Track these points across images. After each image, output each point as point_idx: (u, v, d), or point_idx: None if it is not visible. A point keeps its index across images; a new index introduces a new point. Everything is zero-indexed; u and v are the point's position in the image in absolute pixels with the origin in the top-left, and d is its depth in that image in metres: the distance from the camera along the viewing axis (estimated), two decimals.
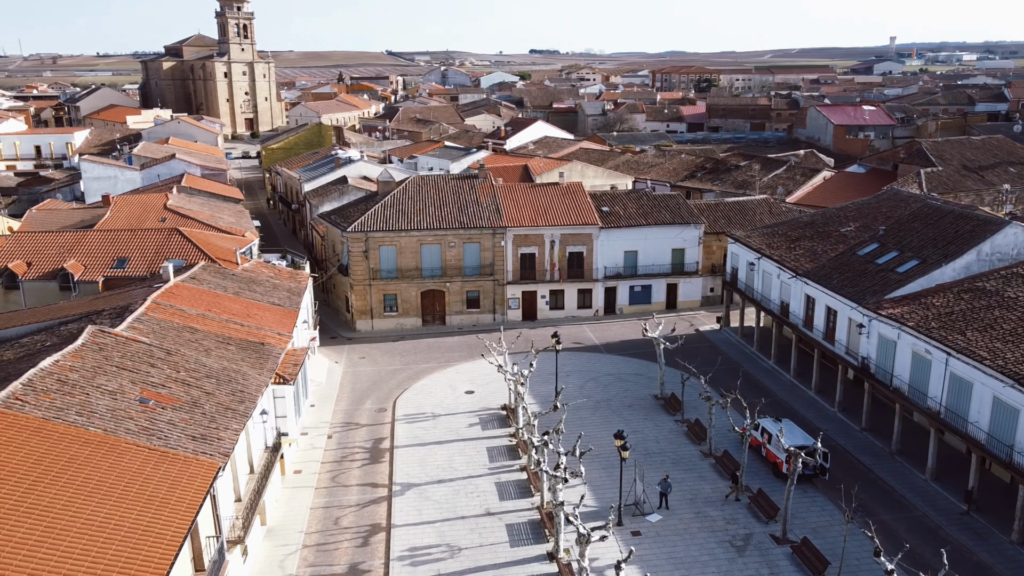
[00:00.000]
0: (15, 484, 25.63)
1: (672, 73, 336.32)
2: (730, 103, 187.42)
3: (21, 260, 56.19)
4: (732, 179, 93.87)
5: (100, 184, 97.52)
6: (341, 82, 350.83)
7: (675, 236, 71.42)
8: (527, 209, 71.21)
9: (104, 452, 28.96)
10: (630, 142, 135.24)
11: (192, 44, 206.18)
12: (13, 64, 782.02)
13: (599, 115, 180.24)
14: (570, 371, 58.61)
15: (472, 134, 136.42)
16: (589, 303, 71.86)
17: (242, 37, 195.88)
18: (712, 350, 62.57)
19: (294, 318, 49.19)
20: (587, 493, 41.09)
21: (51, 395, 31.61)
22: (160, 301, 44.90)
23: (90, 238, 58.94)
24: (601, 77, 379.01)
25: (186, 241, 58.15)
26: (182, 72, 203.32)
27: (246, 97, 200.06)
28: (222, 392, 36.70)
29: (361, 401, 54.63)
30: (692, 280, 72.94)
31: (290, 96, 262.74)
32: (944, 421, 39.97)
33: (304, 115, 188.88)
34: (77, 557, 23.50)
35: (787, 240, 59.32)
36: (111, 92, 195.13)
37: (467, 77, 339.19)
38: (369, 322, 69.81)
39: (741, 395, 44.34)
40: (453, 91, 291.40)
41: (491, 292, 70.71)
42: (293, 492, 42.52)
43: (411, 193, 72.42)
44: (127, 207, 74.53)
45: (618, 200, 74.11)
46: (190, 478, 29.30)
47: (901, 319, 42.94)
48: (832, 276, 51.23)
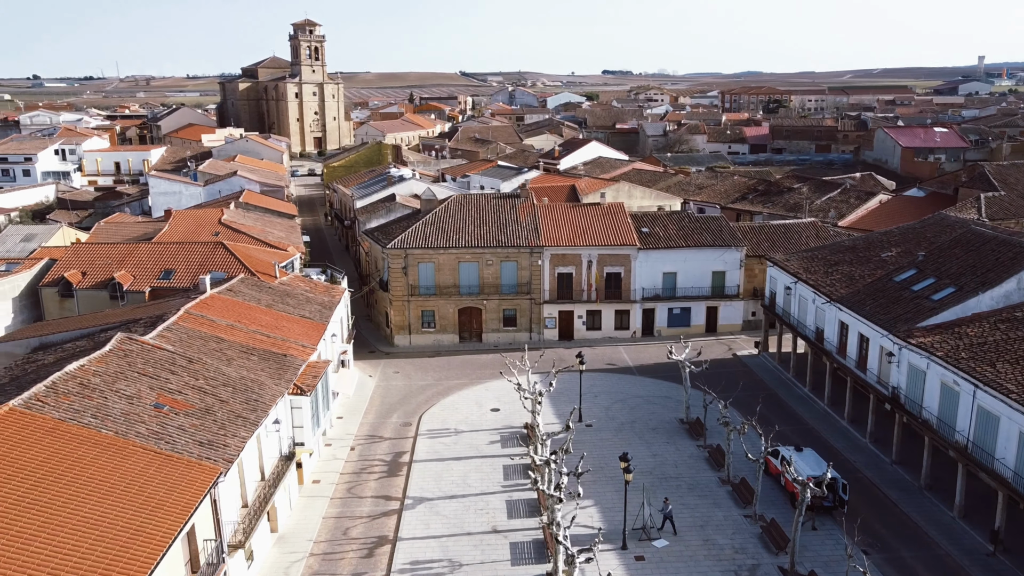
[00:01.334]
0: (21, 480, 27.11)
1: (741, 94, 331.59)
2: (795, 124, 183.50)
3: (77, 270, 59.36)
4: (783, 202, 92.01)
5: (166, 199, 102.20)
6: (411, 102, 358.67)
7: (715, 258, 70.39)
8: (566, 229, 71.36)
9: (111, 454, 30.34)
10: (686, 163, 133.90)
11: (267, 66, 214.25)
12: (110, 85, 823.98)
13: (660, 136, 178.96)
14: (599, 392, 58.29)
15: (528, 154, 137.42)
16: (627, 324, 71.34)
17: (313, 59, 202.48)
18: (747, 376, 61.31)
19: (321, 331, 50.49)
20: (587, 514, 40.86)
21: (71, 397, 33.31)
22: (193, 311, 46.75)
23: (141, 250, 61.83)
24: (670, 98, 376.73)
25: (229, 254, 60.38)
26: (256, 93, 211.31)
27: (315, 116, 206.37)
28: (236, 400, 37.95)
29: (388, 415, 55.51)
30: (733, 304, 71.66)
31: (360, 116, 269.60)
32: (971, 456, 38.25)
33: (370, 134, 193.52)
34: (67, 552, 24.68)
35: (825, 264, 57.85)
36: (189, 112, 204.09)
37: (534, 97, 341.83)
38: (407, 337, 70.90)
39: (767, 422, 43.47)
40: (519, 111, 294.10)
41: (528, 311, 70.97)
42: (309, 501, 43.49)
43: (453, 211, 73.49)
44: (184, 221, 77.83)
45: (659, 221, 73.55)
46: (189, 482, 30.42)
47: (930, 348, 41.38)
48: (866, 302, 49.73)
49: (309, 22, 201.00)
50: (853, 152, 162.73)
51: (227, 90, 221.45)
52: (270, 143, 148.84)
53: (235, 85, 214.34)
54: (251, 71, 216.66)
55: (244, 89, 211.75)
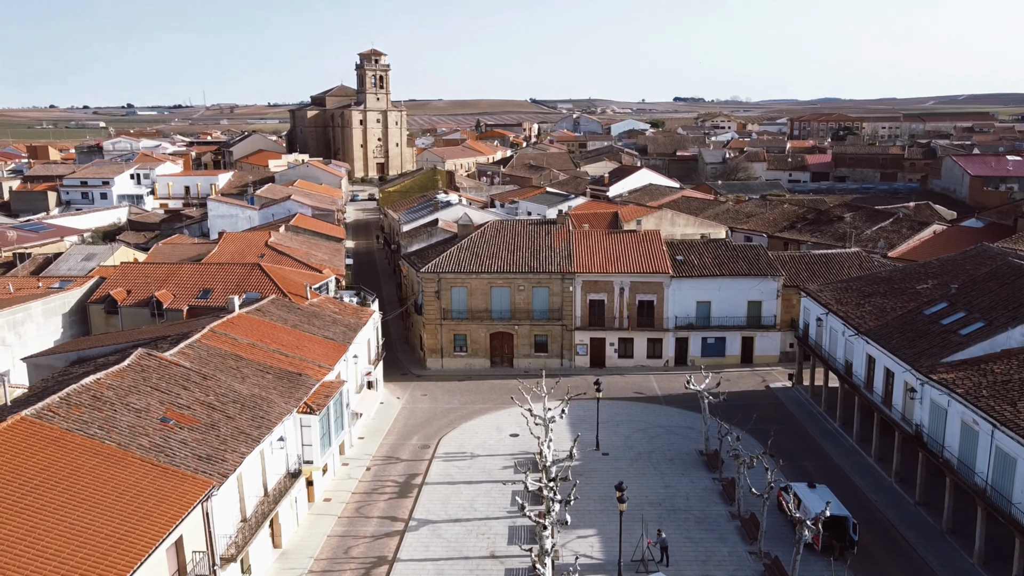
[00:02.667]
0: (18, 486, 28.56)
1: (811, 120, 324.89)
2: (858, 152, 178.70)
3: (122, 288, 62.25)
4: (833, 231, 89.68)
5: (223, 221, 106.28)
6: (477, 129, 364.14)
7: (751, 288, 69.08)
8: (599, 255, 71.23)
9: (109, 464, 31.68)
10: (741, 191, 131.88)
11: (335, 94, 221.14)
12: (197, 113, 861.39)
13: (718, 163, 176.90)
14: (621, 420, 57.73)
15: (580, 181, 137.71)
16: (659, 353, 70.50)
17: (378, 87, 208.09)
18: (777, 409, 59.80)
19: (342, 352, 51.61)
20: (588, 543, 40.47)
21: (81, 409, 34.97)
22: (217, 330, 48.48)
23: (183, 270, 64.48)
24: (737, 125, 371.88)
25: (264, 276, 62.41)
26: (323, 120, 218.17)
27: (379, 143, 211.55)
28: (243, 417, 39.13)
29: (408, 437, 56.14)
30: (769, 334, 70.06)
31: (425, 142, 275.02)
32: (989, 500, 36.42)
33: (430, 160, 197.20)
34: (48, 556, 25.87)
35: (858, 296, 56.18)
36: (260, 138, 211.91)
37: (598, 125, 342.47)
38: (439, 361, 71.65)
39: (791, 456, 42.41)
40: (582, 138, 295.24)
41: (559, 337, 70.90)
42: (317, 518, 44.28)
43: (489, 237, 74.27)
44: (234, 243, 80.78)
45: (695, 249, 72.71)
46: (180, 494, 31.49)
47: (951, 384, 39.71)
48: (893, 335, 48.06)
49: (375, 52, 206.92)
50: (920, 181, 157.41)
51: (296, 118, 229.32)
52: (330, 168, 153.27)
53: (304, 113, 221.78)
54: (319, 99, 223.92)
55: (312, 116, 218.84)
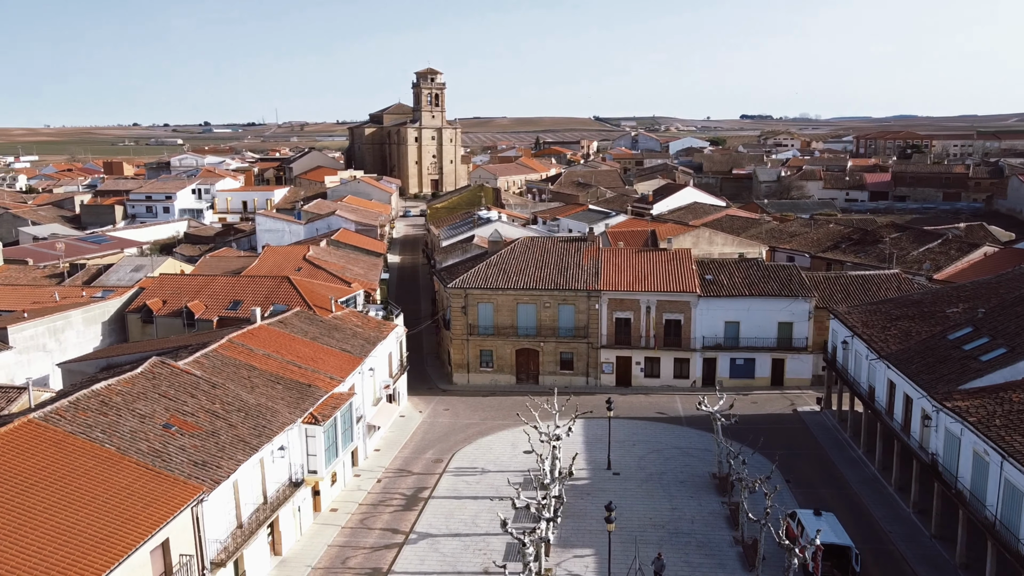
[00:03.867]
0: (12, 485, 29.93)
1: (877, 138, 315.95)
2: (920, 170, 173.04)
3: (158, 299, 64.68)
4: (877, 252, 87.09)
5: (270, 235, 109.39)
6: (536, 146, 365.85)
7: (782, 309, 67.57)
8: (626, 273, 70.78)
9: (104, 467, 32.94)
10: (790, 210, 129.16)
11: (392, 112, 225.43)
12: (269, 131, 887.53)
13: (772, 182, 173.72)
14: (638, 440, 57.08)
15: (626, 199, 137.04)
16: (686, 373, 69.47)
17: (433, 105, 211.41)
18: (801, 433, 58.26)
19: (356, 365, 52.50)
20: (583, 563, 40.12)
21: (88, 413, 36.47)
22: (235, 340, 49.94)
23: (216, 282, 66.63)
24: (801, 143, 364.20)
25: (292, 288, 64.02)
26: (380, 137, 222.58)
27: (433, 160, 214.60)
28: (245, 425, 40.18)
29: (424, 451, 56.59)
30: (801, 357, 68.31)
31: (482, 159, 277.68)
32: (997, 535, 34.76)
33: (483, 177, 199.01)
34: (30, 553, 27.04)
35: (885, 319, 54.43)
36: (318, 155, 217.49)
37: (657, 142, 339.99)
38: (466, 376, 72.09)
39: (808, 483, 41.39)
40: (639, 155, 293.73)
41: (585, 355, 70.56)
42: (321, 528, 45.01)
43: (518, 253, 74.60)
44: (273, 256, 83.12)
45: (726, 269, 71.58)
46: (169, 498, 32.52)
47: (963, 412, 38.12)
48: (914, 360, 46.40)
49: (431, 70, 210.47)
50: (985, 201, 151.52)
51: (355, 135, 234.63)
52: (380, 185, 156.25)
53: (362, 130, 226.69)
54: (377, 117, 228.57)
55: (369, 134, 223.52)
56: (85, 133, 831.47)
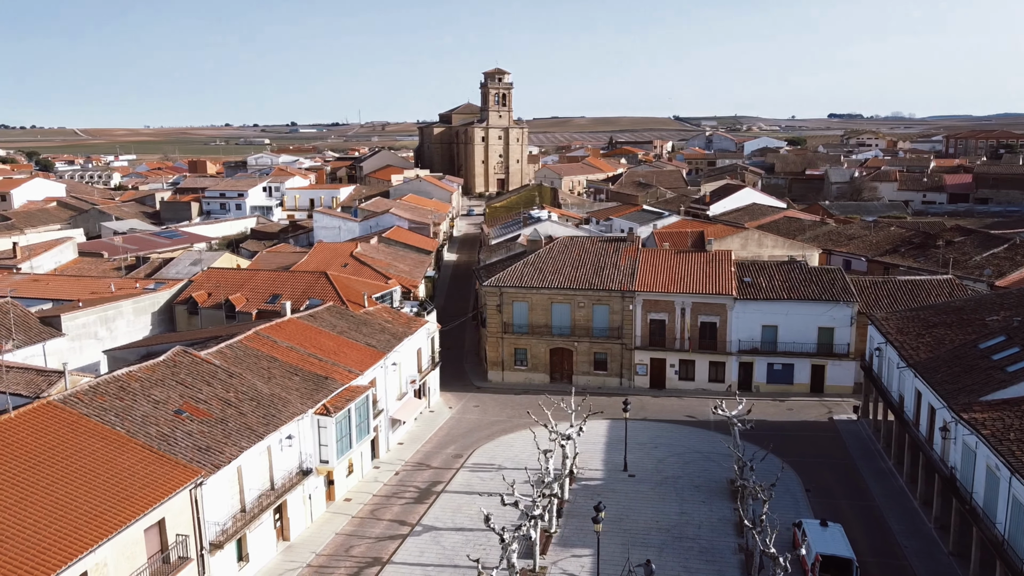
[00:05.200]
0: (22, 460, 32.05)
1: (968, 138, 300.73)
2: (1004, 171, 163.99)
3: (204, 291, 67.52)
4: (938, 256, 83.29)
5: (327, 232, 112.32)
6: (610, 146, 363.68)
7: (822, 313, 65.53)
8: (663, 274, 69.94)
9: (111, 448, 34.82)
10: (856, 212, 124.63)
11: (460, 112, 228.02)
12: (351, 131, 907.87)
13: (844, 183, 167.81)
14: (660, 443, 56.45)
15: (685, 199, 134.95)
16: (722, 377, 68.17)
17: (500, 105, 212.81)
18: (833, 442, 56.51)
19: (378, 359, 53.67)
20: (579, 563, 40.06)
21: (105, 397, 38.57)
22: (262, 332, 51.81)
23: (259, 276, 69.08)
24: (887, 143, 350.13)
25: (328, 284, 65.80)
26: (449, 137, 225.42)
27: (499, 159, 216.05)
28: (255, 414, 41.71)
29: (446, 446, 57.37)
30: (842, 363, 66.05)
31: (552, 159, 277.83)
32: (1004, 554, 33.08)
33: (548, 176, 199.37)
34: (27, 524, 28.91)
35: (921, 325, 52.24)
36: (388, 154, 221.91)
37: (732, 142, 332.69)
38: (500, 373, 72.59)
39: (830, 494, 40.45)
40: (712, 156, 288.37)
41: (619, 356, 70.06)
42: (332, 516, 46.26)
43: (556, 252, 74.66)
44: (322, 253, 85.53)
45: (766, 271, 69.87)
46: (167, 480, 34.14)
47: (978, 425, 36.38)
48: (940, 369, 44.45)
49: (499, 71, 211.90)
50: None
51: (424, 134, 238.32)
52: (442, 184, 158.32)
53: (431, 130, 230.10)
54: (446, 117, 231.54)
55: (438, 133, 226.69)
56: (181, 133, 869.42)
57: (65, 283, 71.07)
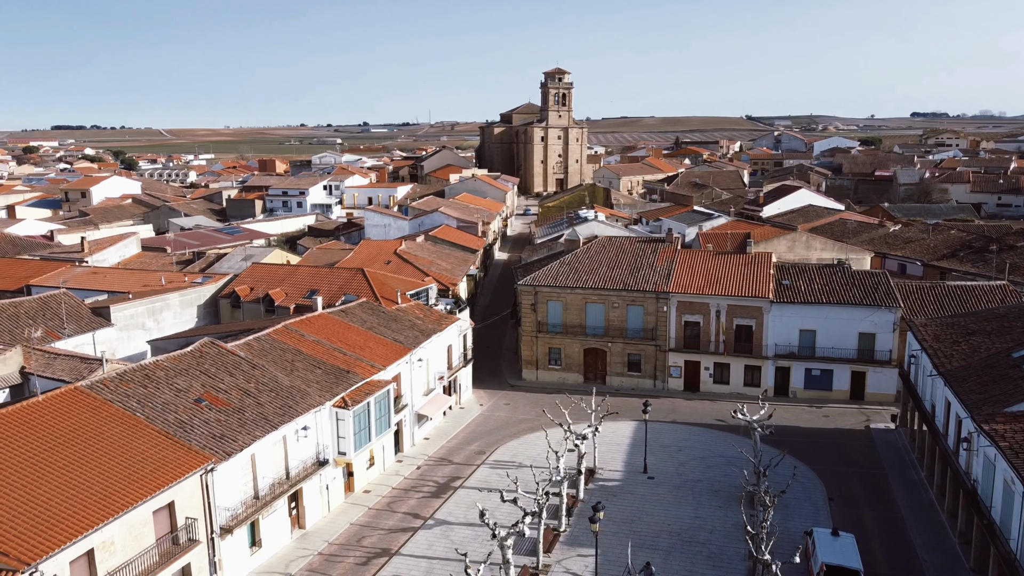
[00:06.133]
0: (44, 441, 33.95)
1: None
2: None
3: (246, 286, 69.82)
4: (999, 261, 79.73)
5: (377, 230, 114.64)
6: (676, 146, 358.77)
7: (863, 319, 63.59)
8: (699, 276, 69.00)
9: (129, 433, 36.53)
10: (920, 214, 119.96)
11: (521, 112, 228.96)
12: (421, 130, 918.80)
13: (912, 184, 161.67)
14: (684, 446, 55.83)
15: (740, 200, 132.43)
16: (757, 381, 66.82)
17: (560, 105, 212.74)
18: (865, 451, 54.85)
19: (402, 354, 54.62)
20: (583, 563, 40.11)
21: (130, 384, 40.44)
22: (291, 326, 53.36)
23: (300, 272, 71.05)
24: (970, 143, 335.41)
25: (364, 280, 67.23)
26: (509, 136, 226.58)
27: (558, 159, 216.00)
28: (273, 405, 43.06)
29: (470, 442, 57.96)
30: (884, 370, 63.94)
31: (614, 159, 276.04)
32: (1016, 571, 31.69)
33: (606, 177, 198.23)
34: (37, 502, 30.64)
35: (960, 333, 50.24)
36: (448, 153, 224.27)
37: (801, 142, 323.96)
38: (534, 373, 72.82)
39: (852, 503, 39.44)
40: (779, 156, 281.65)
41: (652, 357, 69.43)
42: (349, 507, 47.34)
43: (593, 252, 74.47)
44: (367, 249, 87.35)
45: (806, 274, 68.17)
46: (178, 465, 35.63)
47: (996, 436, 34.91)
48: (969, 378, 42.72)
49: (559, 70, 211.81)
50: None
51: (485, 134, 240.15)
52: (497, 183, 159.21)
53: (491, 129, 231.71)
54: (507, 116, 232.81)
55: (498, 133, 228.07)
56: (258, 133, 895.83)
57: (121, 276, 74.47)
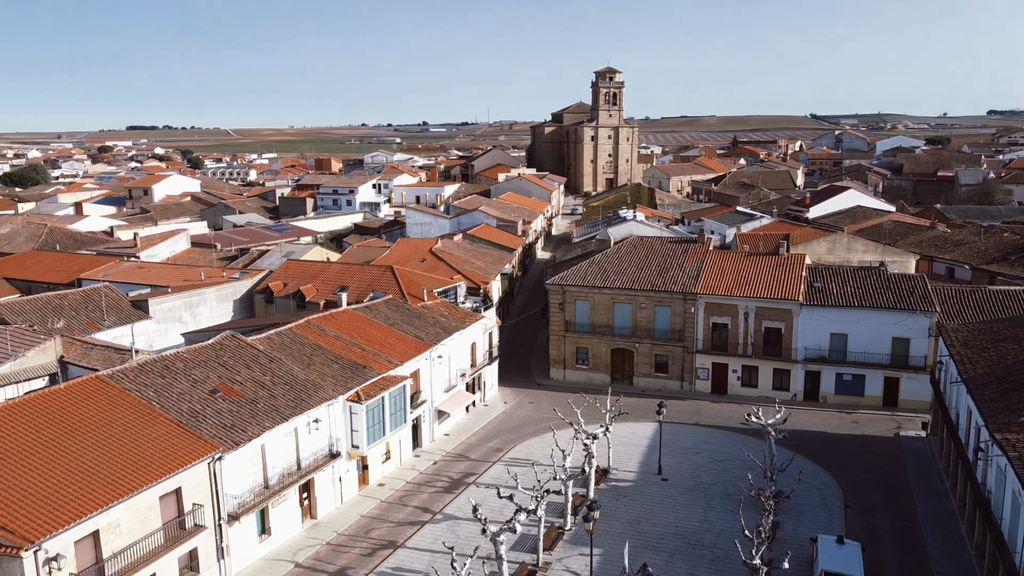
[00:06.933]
0: (63, 427, 35.61)
1: None
2: None
3: (280, 281, 71.61)
4: None
5: (418, 228, 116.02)
6: (733, 145, 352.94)
7: (897, 323, 61.84)
8: (728, 277, 68.06)
9: (142, 421, 38.01)
10: (977, 216, 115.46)
11: (572, 111, 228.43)
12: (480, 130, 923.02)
13: (974, 185, 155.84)
14: (702, 449, 55.24)
15: (788, 200, 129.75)
16: (786, 385, 65.61)
17: (611, 104, 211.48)
18: (890, 459, 53.43)
19: (422, 351, 55.36)
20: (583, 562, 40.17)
21: (149, 375, 42.06)
22: (314, 322, 54.61)
23: (331, 269, 72.51)
24: None
25: (392, 278, 68.25)
26: (559, 136, 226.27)
27: (608, 159, 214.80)
28: (286, 397, 44.20)
29: (489, 439, 58.39)
30: (919, 377, 62.04)
31: (667, 159, 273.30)
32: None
33: (655, 177, 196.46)
34: (49, 483, 32.22)
35: (991, 339, 48.50)
36: (498, 153, 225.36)
37: (863, 141, 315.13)
38: (562, 372, 72.86)
39: (870, 512, 38.98)
40: (839, 155, 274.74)
41: (680, 358, 68.77)
42: (362, 500, 48.26)
43: (623, 252, 74.14)
44: (404, 247, 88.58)
45: (840, 276, 66.60)
46: (186, 452, 36.94)
47: (1007, 445, 33.72)
48: (991, 385, 41.26)
49: (610, 70, 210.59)
50: None
51: (536, 133, 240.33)
52: (543, 182, 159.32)
53: (542, 129, 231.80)
54: (558, 116, 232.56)
55: (548, 133, 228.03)
56: (320, 133, 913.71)
57: (164, 271, 77.18)
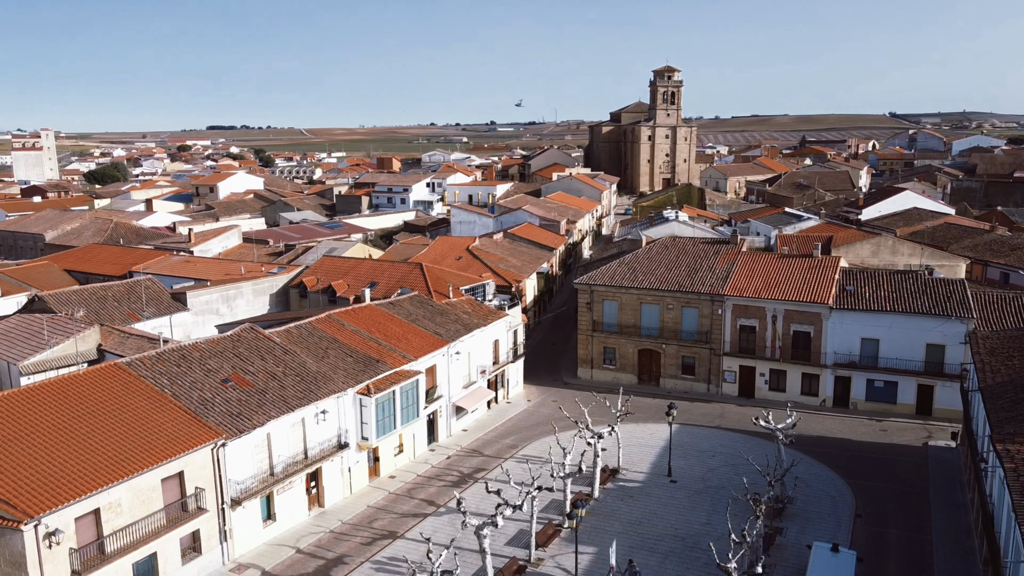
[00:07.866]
0: (73, 410, 37.68)
1: None
2: None
3: (314, 277, 73.59)
4: None
5: (463, 227, 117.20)
6: (801, 145, 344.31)
7: (931, 329, 59.75)
8: (757, 279, 66.87)
9: (153, 407, 39.86)
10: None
11: (630, 111, 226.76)
12: (546, 129, 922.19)
13: None
14: (717, 452, 54.58)
15: (842, 202, 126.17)
16: (815, 390, 64.09)
17: (668, 103, 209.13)
18: (913, 468, 51.78)
19: (438, 347, 56.19)
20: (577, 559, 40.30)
21: (166, 364, 43.98)
22: (334, 316, 56.08)
23: (363, 265, 74.11)
24: None
25: (421, 275, 69.38)
26: (616, 135, 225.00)
27: (666, 159, 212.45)
28: (295, 388, 45.60)
29: (506, 436, 58.86)
30: (954, 385, 59.74)
31: (727, 159, 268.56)
32: None
33: (712, 176, 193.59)
34: (55, 463, 34.17)
35: (1017, 347, 46.51)
36: (555, 152, 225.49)
37: (939, 141, 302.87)
38: (589, 371, 72.78)
39: (882, 521, 37.95)
40: (912, 155, 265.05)
41: (707, 361, 67.91)
42: (371, 491, 49.36)
43: (653, 253, 73.62)
44: (442, 245, 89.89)
45: (874, 279, 64.67)
46: (190, 438, 38.58)
47: (1005, 457, 32.48)
48: (1006, 394, 39.66)
49: (668, 68, 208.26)
50: None
51: (594, 133, 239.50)
52: (594, 182, 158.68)
53: (600, 128, 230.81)
54: (616, 115, 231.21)
55: (606, 132, 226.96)
56: (389, 132, 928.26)
57: (207, 265, 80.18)
